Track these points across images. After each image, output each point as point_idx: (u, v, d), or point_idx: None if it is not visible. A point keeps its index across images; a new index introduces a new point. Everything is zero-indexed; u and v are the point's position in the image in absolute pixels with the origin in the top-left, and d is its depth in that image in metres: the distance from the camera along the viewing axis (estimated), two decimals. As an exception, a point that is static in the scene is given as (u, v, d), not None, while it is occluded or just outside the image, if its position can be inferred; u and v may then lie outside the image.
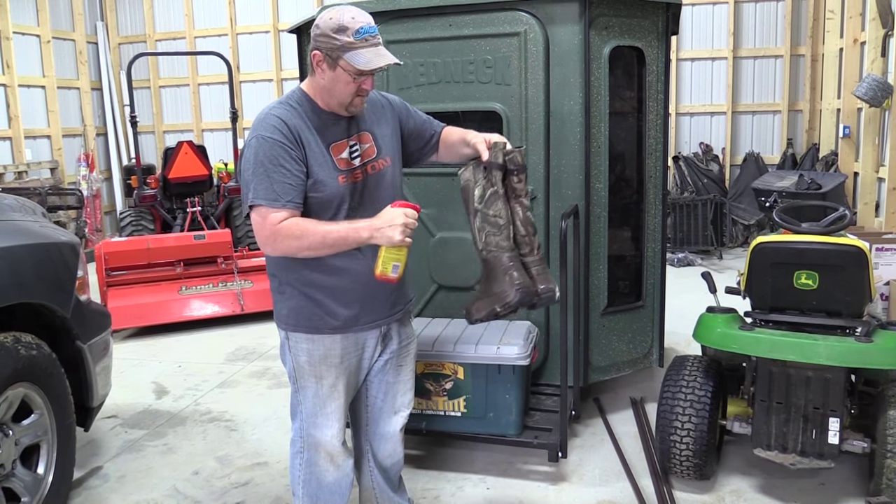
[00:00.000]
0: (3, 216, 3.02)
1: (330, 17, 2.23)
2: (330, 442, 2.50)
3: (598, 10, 3.54)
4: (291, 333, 2.44)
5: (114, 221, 10.65)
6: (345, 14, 2.21)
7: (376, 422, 2.68)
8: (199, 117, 10.93)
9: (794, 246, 3.10)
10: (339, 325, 2.40)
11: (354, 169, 2.37)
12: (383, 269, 2.24)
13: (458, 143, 2.59)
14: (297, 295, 2.40)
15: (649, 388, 4.35)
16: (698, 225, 8.24)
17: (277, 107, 2.32)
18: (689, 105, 9.63)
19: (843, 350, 2.86)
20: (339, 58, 2.22)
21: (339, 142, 2.36)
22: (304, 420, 2.51)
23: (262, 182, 2.21)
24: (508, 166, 2.46)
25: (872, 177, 7.49)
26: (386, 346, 2.58)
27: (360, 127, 2.42)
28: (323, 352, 2.42)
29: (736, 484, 3.30)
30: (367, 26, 2.22)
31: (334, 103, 2.32)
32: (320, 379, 2.45)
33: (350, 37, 2.20)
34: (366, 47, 2.22)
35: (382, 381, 2.63)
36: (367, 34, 2.21)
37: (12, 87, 8.99)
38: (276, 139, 2.22)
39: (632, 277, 4.11)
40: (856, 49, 7.86)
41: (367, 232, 2.22)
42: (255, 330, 6.03)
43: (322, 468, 2.53)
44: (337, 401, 2.48)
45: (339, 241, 2.23)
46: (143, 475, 3.60)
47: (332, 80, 2.27)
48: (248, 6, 10.48)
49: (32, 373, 2.92)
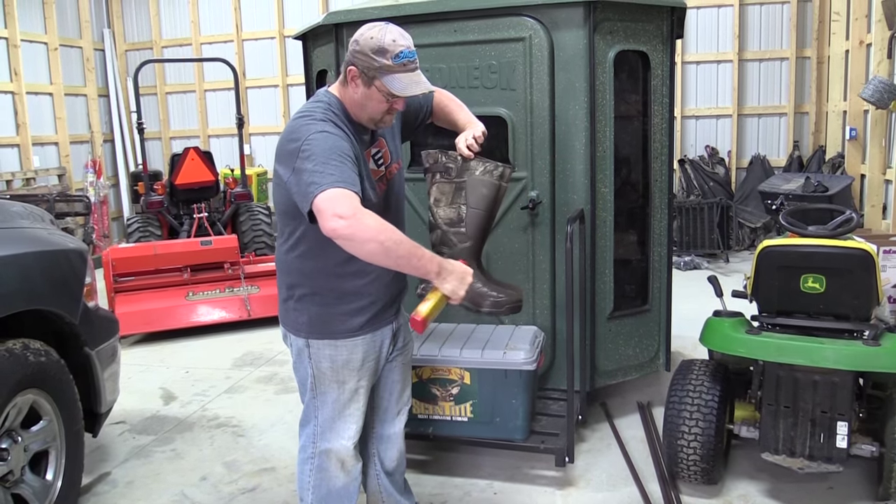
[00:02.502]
0: (12, 223, 3.04)
1: (371, 35, 2.21)
2: (344, 448, 2.51)
3: (602, 15, 3.55)
4: (313, 341, 2.44)
5: (121, 227, 10.69)
6: (387, 35, 2.21)
7: (382, 423, 2.72)
8: (206, 123, 10.98)
9: (801, 249, 3.09)
10: (360, 327, 2.43)
11: (382, 177, 2.41)
12: (428, 315, 2.23)
13: (449, 119, 2.69)
14: (319, 302, 2.41)
15: (656, 392, 4.34)
16: (704, 228, 8.22)
17: (321, 122, 2.22)
18: (695, 108, 9.62)
19: (850, 354, 2.85)
20: (375, 78, 2.22)
21: (365, 151, 2.38)
22: (319, 426, 2.52)
23: (336, 168, 2.09)
24: (503, 183, 2.56)
25: (879, 179, 7.47)
26: (395, 344, 2.61)
27: (376, 134, 2.45)
28: (346, 356, 2.43)
29: (744, 488, 3.29)
30: (406, 51, 2.22)
31: (364, 117, 2.33)
32: (342, 384, 2.46)
33: (389, 60, 2.19)
34: (403, 72, 2.22)
35: (389, 380, 2.66)
36: (406, 59, 2.22)
37: (20, 95, 9.05)
38: (333, 134, 2.18)
39: (638, 281, 4.11)
40: (862, 51, 7.84)
41: (436, 266, 2.19)
42: (263, 335, 6.04)
43: (332, 474, 2.54)
44: (356, 403, 2.50)
45: (407, 256, 2.12)
46: (151, 481, 3.61)
47: (365, 97, 2.27)
48: (253, 13, 10.53)
49: (41, 379, 2.93)
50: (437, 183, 2.58)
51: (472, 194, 2.54)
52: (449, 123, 2.71)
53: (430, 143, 3.85)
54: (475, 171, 2.54)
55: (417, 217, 3.78)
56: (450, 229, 2.54)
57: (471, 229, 2.53)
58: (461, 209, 2.53)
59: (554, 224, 3.66)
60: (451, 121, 2.70)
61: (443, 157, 2.58)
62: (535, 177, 3.63)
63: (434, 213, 2.56)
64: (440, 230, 2.55)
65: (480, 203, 2.54)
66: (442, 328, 3.63)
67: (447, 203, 2.55)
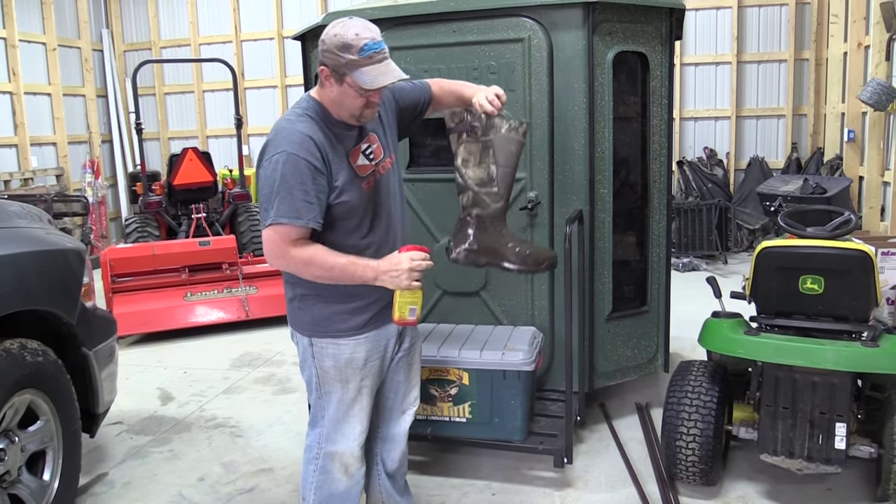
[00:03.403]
0: (10, 223, 3.03)
1: (335, 33, 2.22)
2: (349, 450, 2.52)
3: (601, 16, 3.55)
4: (316, 340, 2.45)
5: (119, 228, 10.68)
6: (349, 30, 2.20)
7: (387, 423, 2.72)
8: (204, 124, 10.97)
9: (800, 251, 3.09)
10: (362, 325, 2.43)
11: (372, 172, 2.40)
12: (400, 314, 2.30)
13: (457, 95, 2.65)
14: (321, 303, 2.42)
15: (654, 393, 4.34)
16: (703, 230, 8.22)
17: (300, 120, 2.30)
18: (694, 110, 9.63)
19: (849, 355, 2.85)
20: (345, 74, 2.23)
21: (354, 149, 2.38)
22: (326, 427, 2.52)
23: (285, 199, 2.20)
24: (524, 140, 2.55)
25: (877, 181, 7.47)
26: (401, 345, 2.61)
27: (366, 129, 2.44)
28: (348, 355, 2.43)
29: (742, 489, 3.29)
30: (371, 42, 2.20)
31: (345, 115, 2.34)
32: (345, 383, 2.47)
33: (355, 55, 2.19)
34: (371, 65, 2.21)
35: (394, 381, 2.66)
36: (371, 51, 2.20)
37: (18, 95, 9.04)
38: (303, 157, 2.22)
39: (636, 282, 4.10)
40: (860, 53, 7.85)
41: (371, 272, 2.28)
42: (260, 336, 6.02)
43: (335, 477, 2.55)
44: (360, 403, 2.50)
45: (343, 276, 2.28)
46: (149, 481, 3.61)
47: (340, 95, 2.28)
48: (252, 13, 10.53)
49: (38, 379, 2.92)
50: (464, 143, 2.51)
51: (500, 153, 2.48)
52: (457, 100, 2.67)
53: (428, 144, 3.86)
54: (500, 128, 2.49)
55: (417, 218, 3.78)
56: (481, 189, 2.48)
57: (502, 188, 2.49)
58: (491, 169, 2.48)
59: (553, 225, 3.66)
60: (458, 96, 2.66)
61: (468, 116, 2.53)
62: (533, 177, 3.62)
63: (463, 175, 2.49)
64: (471, 192, 2.49)
65: (510, 161, 2.50)
66: (440, 329, 3.63)
67: (475, 163, 2.49)
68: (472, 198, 2.51)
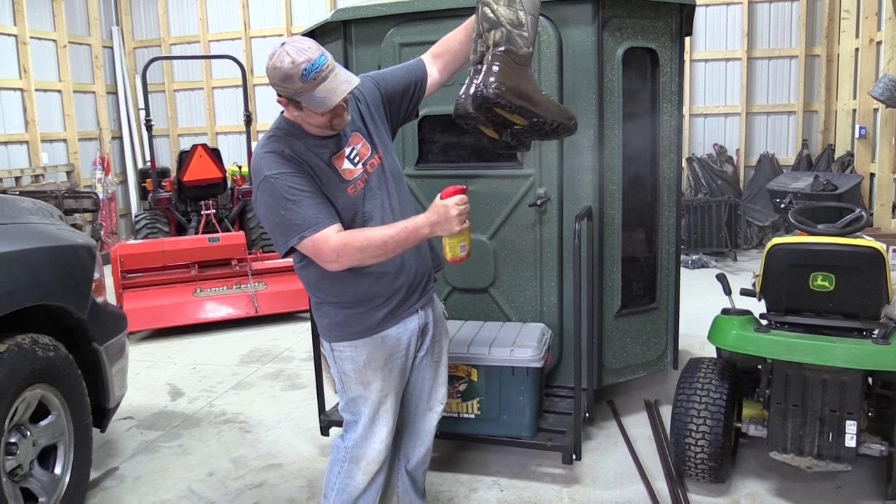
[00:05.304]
0: (21, 219, 3.05)
1: (272, 66, 2.16)
2: (374, 454, 2.53)
3: (611, 12, 3.54)
4: (335, 344, 2.48)
5: (129, 224, 10.74)
6: (283, 60, 2.13)
7: (413, 421, 2.73)
8: (214, 120, 11.00)
9: (810, 247, 3.08)
10: (377, 324, 2.43)
11: (359, 175, 2.39)
12: (452, 253, 2.33)
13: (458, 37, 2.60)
14: (334, 308, 2.44)
15: (663, 390, 4.33)
16: (712, 226, 8.20)
17: (267, 143, 2.32)
18: (703, 106, 9.59)
19: (860, 352, 2.84)
20: (299, 101, 2.21)
21: (337, 154, 2.37)
22: (357, 432, 2.53)
23: (295, 215, 2.21)
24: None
25: (889, 178, 7.42)
26: (423, 342, 2.60)
27: (347, 132, 2.41)
28: (367, 356, 2.44)
29: (751, 487, 3.28)
30: (308, 65, 2.12)
31: (316, 130, 2.33)
32: (367, 385, 2.47)
33: (298, 83, 2.13)
34: (318, 85, 2.14)
35: (419, 378, 2.67)
36: (312, 73, 2.12)
37: (29, 92, 9.09)
38: (282, 172, 2.23)
39: (646, 279, 4.09)
40: (872, 49, 7.79)
41: (427, 229, 2.27)
42: (270, 332, 6.05)
43: (357, 483, 2.56)
44: (384, 406, 2.51)
45: (401, 244, 2.26)
46: (159, 476, 3.63)
47: (305, 117, 2.28)
48: (261, 10, 10.54)
49: (50, 374, 2.95)
50: None
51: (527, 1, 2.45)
52: (467, 35, 2.57)
53: (437, 140, 3.85)
54: None
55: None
56: (514, 30, 2.41)
57: (531, 35, 2.45)
58: (519, 13, 2.43)
59: (562, 221, 3.65)
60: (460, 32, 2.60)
61: None
62: (542, 174, 3.62)
63: (494, 11, 2.40)
64: (505, 28, 2.39)
65: (535, 10, 2.45)
66: (449, 325, 3.61)
67: (505, 3, 2.42)
68: (506, 35, 2.40)
